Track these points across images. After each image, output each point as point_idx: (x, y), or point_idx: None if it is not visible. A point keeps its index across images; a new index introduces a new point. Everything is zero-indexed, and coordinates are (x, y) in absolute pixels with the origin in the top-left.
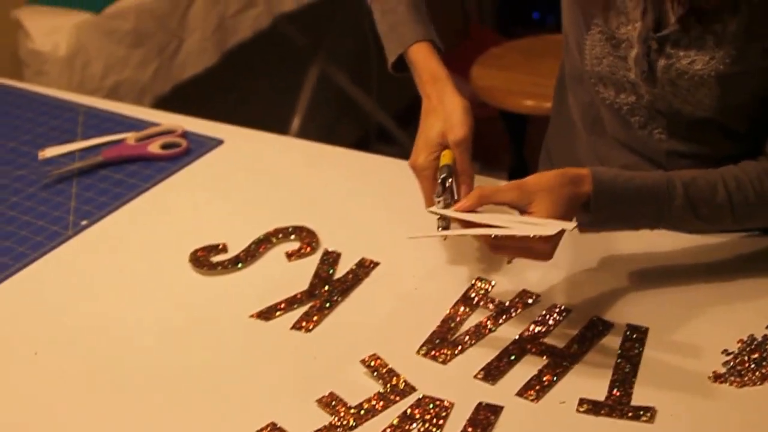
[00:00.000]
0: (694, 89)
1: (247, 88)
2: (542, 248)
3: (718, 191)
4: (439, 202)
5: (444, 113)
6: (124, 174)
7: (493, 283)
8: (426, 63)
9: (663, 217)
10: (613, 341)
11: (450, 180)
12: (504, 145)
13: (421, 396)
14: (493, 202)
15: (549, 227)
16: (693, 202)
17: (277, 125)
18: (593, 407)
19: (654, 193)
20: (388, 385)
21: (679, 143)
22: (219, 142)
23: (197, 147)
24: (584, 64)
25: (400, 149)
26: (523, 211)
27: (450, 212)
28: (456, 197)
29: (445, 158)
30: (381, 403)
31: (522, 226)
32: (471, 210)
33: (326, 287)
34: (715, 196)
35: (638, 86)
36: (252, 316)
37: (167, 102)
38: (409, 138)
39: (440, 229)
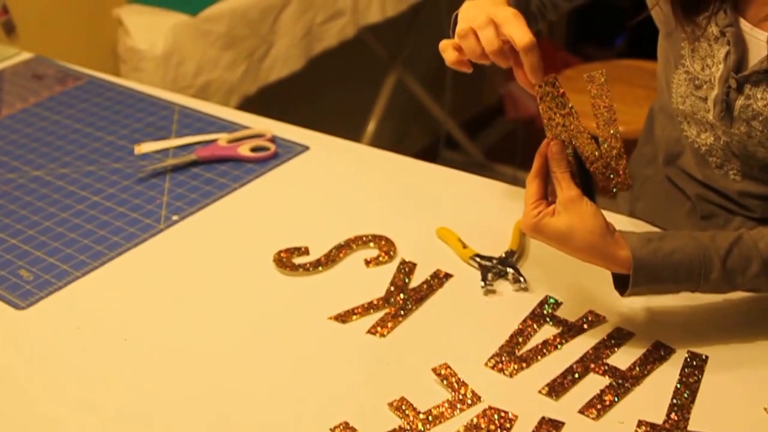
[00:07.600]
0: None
1: (327, 91)
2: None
3: (752, 263)
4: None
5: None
6: (215, 173)
7: (561, 302)
8: None
9: (699, 288)
10: (673, 366)
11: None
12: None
13: (487, 407)
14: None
15: None
16: (729, 274)
17: (353, 127)
18: (651, 429)
19: (690, 270)
20: (457, 394)
21: (752, 185)
22: (305, 148)
23: (285, 152)
24: (671, 101)
25: (466, 156)
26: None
27: None
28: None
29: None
30: (449, 410)
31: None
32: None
33: (401, 295)
34: (749, 267)
35: (716, 127)
36: (330, 318)
37: (252, 102)
38: (475, 147)
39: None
